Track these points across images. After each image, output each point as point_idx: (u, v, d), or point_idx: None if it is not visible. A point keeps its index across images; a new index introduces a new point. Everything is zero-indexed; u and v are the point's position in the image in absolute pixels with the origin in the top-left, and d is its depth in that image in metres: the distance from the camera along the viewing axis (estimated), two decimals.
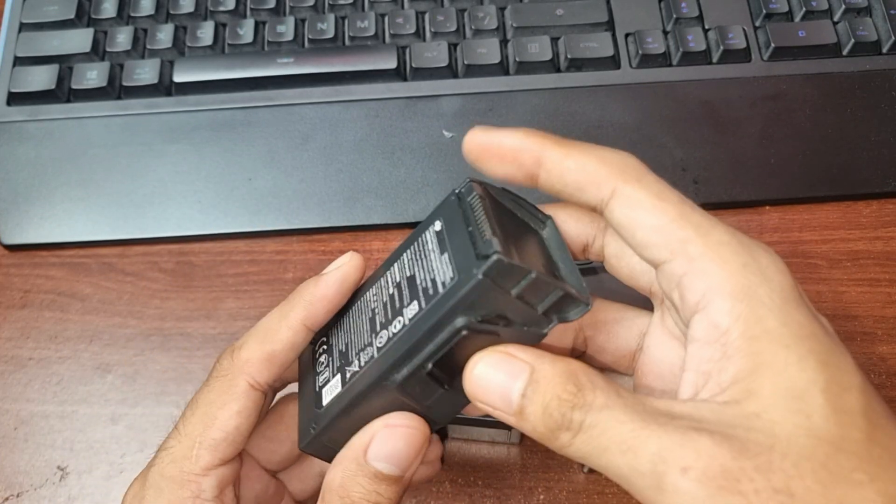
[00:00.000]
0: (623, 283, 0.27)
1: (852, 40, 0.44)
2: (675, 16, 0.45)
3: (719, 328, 0.22)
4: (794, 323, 0.21)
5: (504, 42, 0.45)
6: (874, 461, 0.20)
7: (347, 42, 0.45)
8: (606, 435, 0.21)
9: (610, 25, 0.45)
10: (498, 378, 0.22)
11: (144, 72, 0.44)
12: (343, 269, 0.27)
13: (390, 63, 0.44)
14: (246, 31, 0.45)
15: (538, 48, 0.44)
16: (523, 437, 0.35)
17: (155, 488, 0.25)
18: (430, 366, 0.23)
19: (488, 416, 0.25)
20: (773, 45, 0.44)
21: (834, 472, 0.19)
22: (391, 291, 0.25)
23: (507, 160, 0.24)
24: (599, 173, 0.24)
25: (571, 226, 0.27)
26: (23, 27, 0.46)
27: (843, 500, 0.19)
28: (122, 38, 0.45)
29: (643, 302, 0.27)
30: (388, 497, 0.24)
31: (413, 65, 0.44)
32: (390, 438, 0.24)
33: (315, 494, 0.30)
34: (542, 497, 0.35)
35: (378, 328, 0.25)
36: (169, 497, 0.25)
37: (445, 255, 0.23)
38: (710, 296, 0.22)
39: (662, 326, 0.26)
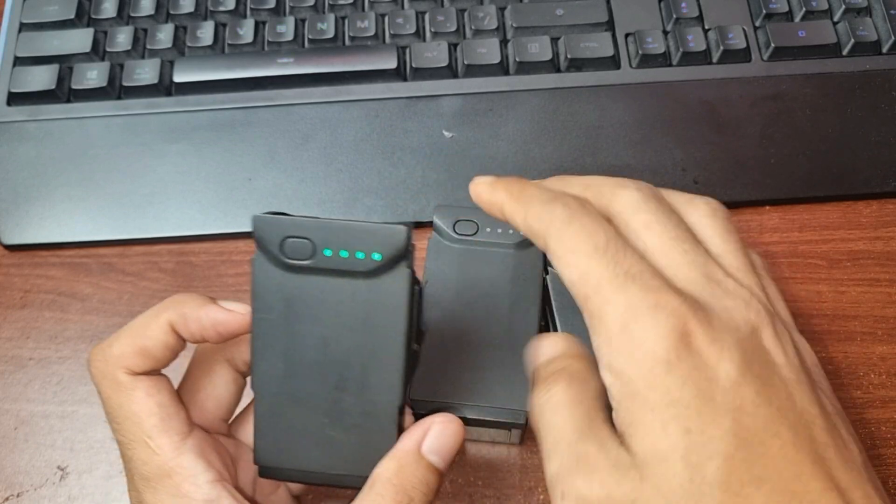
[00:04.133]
0: None
1: (852, 40, 0.44)
2: (675, 16, 0.45)
3: (606, 381, 0.24)
4: (661, 388, 0.22)
5: (504, 42, 0.45)
6: None
7: (347, 42, 0.45)
8: (549, 427, 0.25)
9: (610, 25, 0.45)
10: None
11: (144, 72, 0.44)
12: (227, 322, 0.28)
13: (390, 63, 0.44)
14: (246, 31, 0.45)
15: (538, 48, 0.44)
16: (523, 437, 0.35)
17: (150, 491, 0.26)
18: None
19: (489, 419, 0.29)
20: (773, 45, 0.44)
21: None
22: None
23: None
24: (535, 228, 0.27)
25: None
26: (23, 27, 0.46)
27: None
28: (122, 38, 0.45)
29: None
30: (434, 489, 0.27)
31: (413, 65, 0.44)
32: (443, 434, 0.27)
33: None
34: (541, 497, 0.35)
35: None
36: (166, 489, 0.26)
37: None
38: (597, 353, 0.24)
39: None
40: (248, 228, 0.41)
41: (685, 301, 0.22)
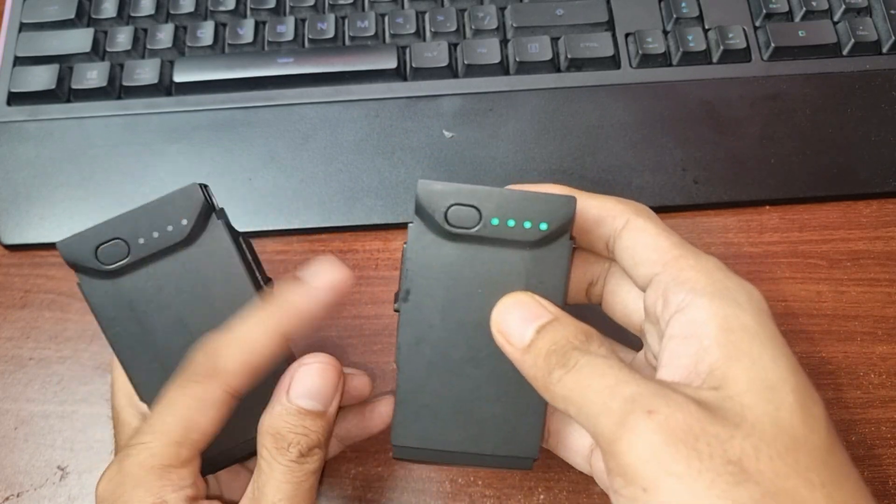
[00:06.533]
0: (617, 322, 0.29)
1: (852, 40, 0.44)
2: (675, 16, 0.45)
3: (697, 322, 0.23)
4: (769, 328, 0.23)
5: (504, 42, 0.45)
6: (829, 468, 0.21)
7: (347, 42, 0.45)
8: (595, 375, 0.22)
9: (610, 25, 0.45)
10: (523, 312, 0.25)
11: (144, 72, 0.44)
12: (333, 287, 0.27)
13: (390, 63, 0.44)
14: (246, 31, 0.45)
15: (538, 48, 0.44)
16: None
17: (133, 477, 0.26)
18: None
19: None
20: (773, 45, 0.44)
21: (790, 464, 0.20)
22: None
23: None
24: (617, 209, 0.27)
25: (579, 266, 0.29)
26: (23, 27, 0.46)
27: (792, 493, 0.20)
28: (122, 38, 0.45)
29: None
30: (315, 430, 0.26)
31: (413, 65, 0.44)
32: (306, 375, 0.27)
33: None
34: (542, 497, 0.35)
35: None
36: (148, 485, 0.26)
37: None
38: (691, 297, 0.24)
39: (646, 361, 0.28)
40: (246, 228, 0.41)
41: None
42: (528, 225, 0.25)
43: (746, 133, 0.43)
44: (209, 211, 0.27)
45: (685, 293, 0.24)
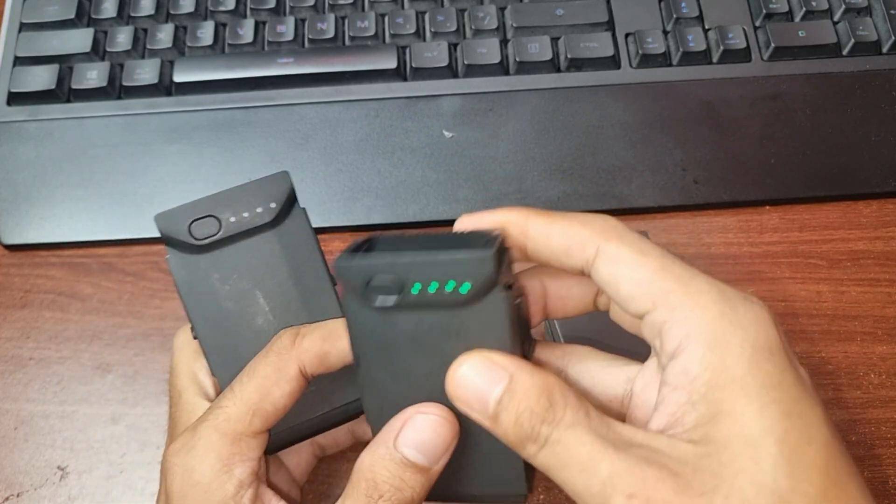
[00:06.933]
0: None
1: (852, 40, 0.44)
2: (675, 16, 0.45)
3: (689, 375, 0.22)
4: (762, 373, 0.22)
5: (504, 42, 0.45)
6: None
7: (347, 42, 0.45)
8: (568, 452, 0.22)
9: (610, 25, 0.45)
10: (478, 382, 0.23)
11: (144, 72, 0.44)
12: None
13: (390, 63, 0.44)
14: (246, 31, 0.45)
15: (538, 48, 0.44)
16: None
17: (206, 441, 0.26)
18: None
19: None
20: (773, 44, 0.44)
21: None
22: None
23: None
24: (582, 235, 0.24)
25: (576, 283, 0.27)
26: (23, 27, 0.46)
27: None
28: (122, 38, 0.45)
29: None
30: (412, 486, 0.25)
31: (413, 65, 0.44)
32: (420, 425, 0.25)
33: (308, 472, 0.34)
34: (541, 497, 0.35)
35: None
36: (220, 450, 0.26)
37: None
38: (685, 343, 0.23)
39: (656, 372, 0.27)
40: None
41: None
42: (450, 287, 0.24)
43: (746, 133, 0.43)
44: (294, 198, 0.28)
45: (680, 338, 0.23)
